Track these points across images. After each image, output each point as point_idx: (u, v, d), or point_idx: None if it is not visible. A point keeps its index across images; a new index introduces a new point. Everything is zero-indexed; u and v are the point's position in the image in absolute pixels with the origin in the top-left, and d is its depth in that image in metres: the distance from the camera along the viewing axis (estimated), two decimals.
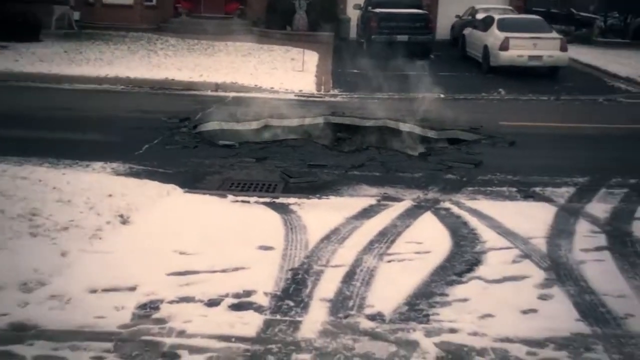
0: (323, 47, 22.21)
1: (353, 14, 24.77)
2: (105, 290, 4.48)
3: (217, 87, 15.21)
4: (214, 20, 25.12)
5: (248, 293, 4.54)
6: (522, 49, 17.41)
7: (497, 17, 19.13)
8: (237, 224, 5.99)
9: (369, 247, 5.46)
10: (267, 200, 7.03)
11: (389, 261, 5.09)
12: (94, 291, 4.46)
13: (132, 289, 4.53)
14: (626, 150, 9.67)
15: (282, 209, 6.62)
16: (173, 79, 15.37)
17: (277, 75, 16.53)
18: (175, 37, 22.58)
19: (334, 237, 5.70)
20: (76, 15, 24.55)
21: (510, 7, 24.76)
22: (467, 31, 20.90)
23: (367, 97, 14.86)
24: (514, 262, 5.13)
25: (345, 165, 8.49)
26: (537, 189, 7.75)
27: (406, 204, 6.99)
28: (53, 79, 14.95)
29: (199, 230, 5.77)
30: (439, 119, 11.46)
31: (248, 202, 6.93)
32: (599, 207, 6.97)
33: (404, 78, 16.88)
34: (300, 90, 15.22)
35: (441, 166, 8.53)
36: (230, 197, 7.07)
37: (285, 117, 11.44)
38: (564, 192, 7.63)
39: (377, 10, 20.89)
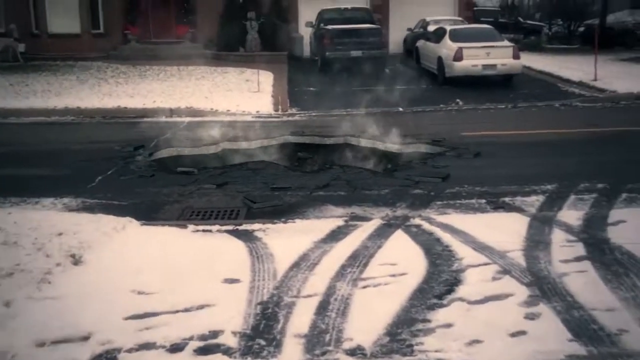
0: (277, 66, 21.95)
1: (305, 32, 24.64)
2: (55, 342, 4.06)
3: (171, 112, 14.80)
4: (164, 45, 24.69)
5: (215, 334, 4.17)
6: (475, 58, 17.45)
7: (449, 28, 19.19)
8: (200, 256, 5.61)
9: (341, 273, 5.14)
10: (230, 227, 6.67)
11: (364, 287, 4.78)
12: (42, 344, 4.03)
13: (86, 338, 4.12)
14: (589, 154, 9.60)
15: (247, 237, 6.27)
16: (125, 107, 14.91)
17: (233, 97, 16.21)
18: (126, 64, 22.07)
19: (303, 263, 5.37)
20: (21, 47, 23.87)
21: (460, 18, 24.95)
22: (420, 43, 20.93)
23: (325, 114, 14.63)
24: (494, 279, 4.87)
25: (310, 186, 8.19)
26: (507, 199, 7.57)
27: (375, 223, 6.71)
28: None
29: (158, 266, 5.38)
30: (401, 132, 11.27)
31: (210, 231, 6.56)
32: (571, 215, 6.80)
33: (361, 93, 16.72)
34: (258, 111, 14.92)
35: (408, 182, 8.28)
36: (191, 227, 6.69)
37: (244, 139, 11.11)
38: (533, 201, 7.45)
39: (330, 27, 20.77)
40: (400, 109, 14.82)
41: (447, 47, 18.05)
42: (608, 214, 6.81)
